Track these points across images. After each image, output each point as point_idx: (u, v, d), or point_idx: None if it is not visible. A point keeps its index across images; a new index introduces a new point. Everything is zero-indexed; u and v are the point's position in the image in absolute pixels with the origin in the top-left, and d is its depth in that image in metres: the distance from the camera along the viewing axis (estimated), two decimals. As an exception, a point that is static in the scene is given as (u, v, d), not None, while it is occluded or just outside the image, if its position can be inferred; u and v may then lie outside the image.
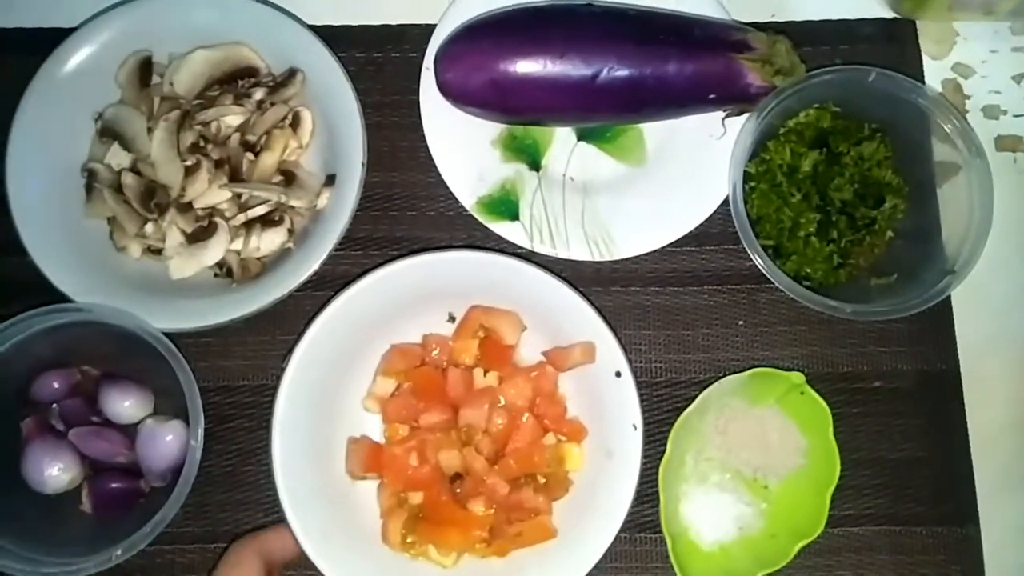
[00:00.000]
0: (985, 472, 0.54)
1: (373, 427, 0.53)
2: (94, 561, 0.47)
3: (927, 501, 0.54)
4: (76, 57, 0.53)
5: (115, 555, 0.47)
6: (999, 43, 0.61)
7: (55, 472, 0.50)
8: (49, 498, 0.50)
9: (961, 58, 0.61)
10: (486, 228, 0.55)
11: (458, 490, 0.50)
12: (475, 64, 0.51)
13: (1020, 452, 0.55)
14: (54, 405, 0.52)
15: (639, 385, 0.53)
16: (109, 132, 0.53)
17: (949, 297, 0.56)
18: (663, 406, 0.55)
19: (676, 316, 0.56)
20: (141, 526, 0.47)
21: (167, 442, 0.51)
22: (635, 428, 0.49)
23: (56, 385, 0.52)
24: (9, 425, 0.51)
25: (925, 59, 0.60)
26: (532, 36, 0.51)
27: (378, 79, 0.58)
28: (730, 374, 0.54)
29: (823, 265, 0.55)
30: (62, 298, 0.51)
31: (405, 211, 0.57)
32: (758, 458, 0.53)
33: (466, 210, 0.55)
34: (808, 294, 0.51)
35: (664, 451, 0.51)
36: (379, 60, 0.59)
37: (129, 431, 0.52)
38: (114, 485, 0.51)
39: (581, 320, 0.50)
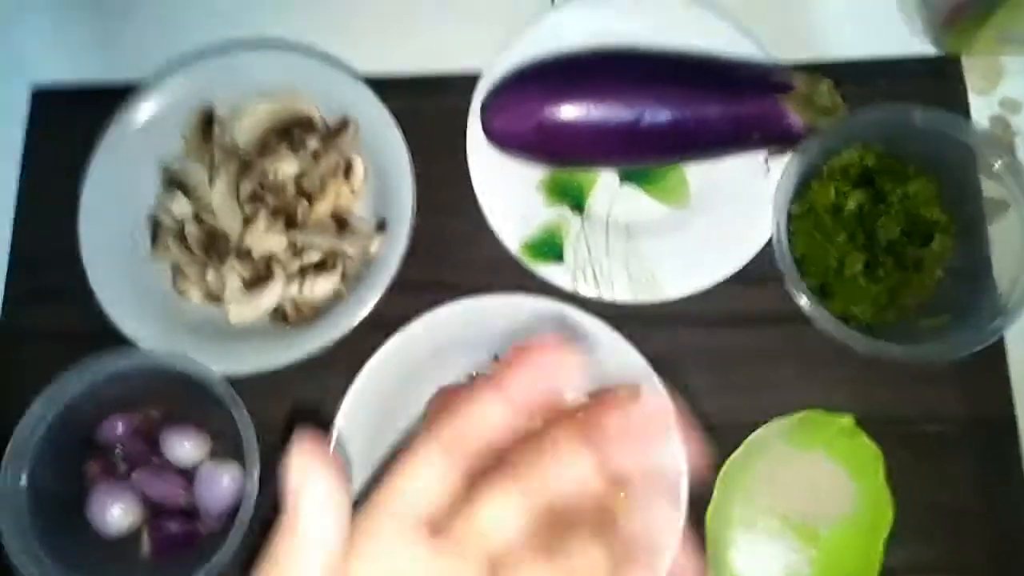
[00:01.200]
0: (1044, 520, 0.53)
1: (422, 470, 0.53)
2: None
3: (983, 551, 0.52)
4: (144, 112, 0.56)
5: (172, 597, 0.48)
6: (1048, 78, 0.60)
7: (117, 513, 0.52)
8: (111, 541, 0.52)
9: (1009, 93, 0.60)
10: (531, 271, 0.56)
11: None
12: (521, 112, 0.53)
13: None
14: (117, 448, 0.55)
15: (685, 427, 0.53)
16: (174, 182, 0.56)
17: (1003, 339, 0.55)
18: (712, 450, 0.55)
19: (723, 357, 0.56)
20: (196, 570, 0.48)
21: (224, 485, 0.52)
22: (681, 475, 0.49)
23: (120, 428, 0.54)
24: (75, 468, 0.53)
25: (971, 95, 0.60)
26: (576, 83, 0.53)
27: (424, 127, 0.60)
28: (778, 416, 0.53)
29: (871, 306, 0.54)
30: (126, 344, 0.53)
31: (452, 255, 0.59)
32: (807, 504, 0.53)
33: (511, 253, 0.57)
34: (855, 335, 0.51)
35: (711, 496, 0.51)
36: (425, 108, 0.61)
37: (188, 474, 0.54)
38: (173, 527, 0.53)
39: (626, 363, 0.50)
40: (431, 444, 0.25)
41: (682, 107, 0.52)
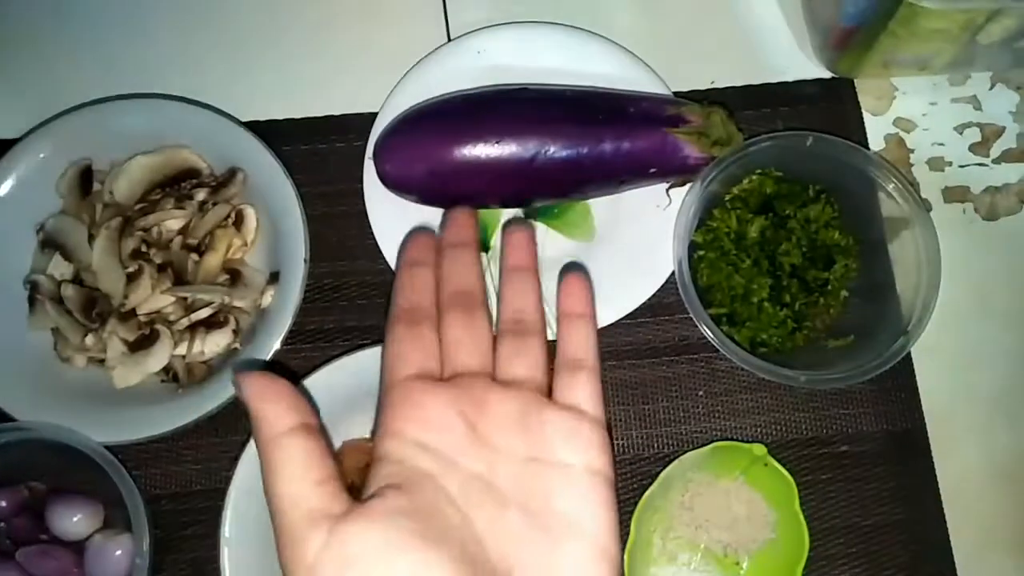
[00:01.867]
0: (961, 533, 0.53)
1: (328, 529, 0.51)
2: None
3: (905, 567, 0.52)
4: (16, 171, 0.53)
5: None
6: (938, 95, 0.61)
7: None
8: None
9: (902, 112, 0.61)
10: (438, 313, 0.55)
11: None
12: (412, 155, 0.52)
13: (995, 511, 0.54)
14: (1, 524, 0.51)
15: (600, 465, 0.52)
16: (51, 243, 0.53)
17: (909, 354, 0.56)
18: (627, 485, 0.54)
19: (635, 390, 0.56)
20: None
21: (116, 558, 0.49)
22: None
23: (3, 504, 0.51)
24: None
25: (867, 115, 0.61)
26: (467, 123, 0.52)
27: (323, 170, 0.59)
28: (693, 447, 0.53)
29: (779, 330, 0.54)
30: (3, 416, 0.50)
31: (355, 300, 0.57)
32: (727, 534, 0.52)
33: (416, 296, 0.55)
34: (760, 363, 0.50)
35: (628, 534, 0.49)
36: (323, 151, 0.59)
37: (79, 547, 0.51)
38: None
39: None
40: (396, 325, 0.35)
41: (576, 144, 0.51)
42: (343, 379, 0.50)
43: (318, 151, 0.59)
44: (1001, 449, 0.55)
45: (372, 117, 0.57)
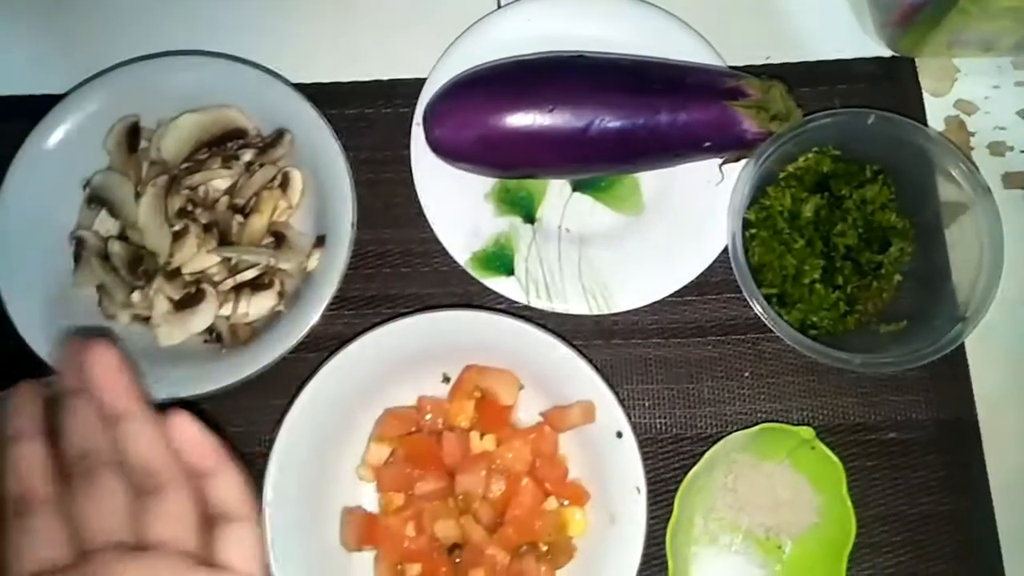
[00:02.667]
0: (1009, 525, 0.52)
1: (369, 496, 0.51)
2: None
3: (950, 558, 0.51)
4: (64, 125, 0.53)
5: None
6: (1002, 78, 0.59)
7: None
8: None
9: (963, 95, 0.59)
10: (482, 283, 0.54)
11: (457, 560, 0.48)
12: (464, 121, 0.51)
13: (1045, 505, 0.52)
14: None
15: (643, 443, 0.51)
16: (97, 199, 0.52)
17: (963, 343, 0.54)
18: (669, 464, 0.53)
19: (680, 369, 0.55)
20: None
21: None
22: (639, 491, 0.47)
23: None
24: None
25: (926, 96, 0.59)
26: (521, 90, 0.51)
27: (370, 135, 0.58)
28: (737, 428, 0.52)
29: (830, 313, 0.53)
30: (47, 372, 0.50)
31: (399, 268, 0.56)
32: (770, 517, 0.51)
33: (461, 266, 0.54)
34: (812, 344, 0.49)
35: (671, 512, 0.49)
36: (370, 116, 0.58)
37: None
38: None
39: (579, 379, 0.48)
40: (9, 518, 0.31)
41: (631, 114, 0.50)
42: (383, 348, 0.50)
43: (365, 116, 0.58)
44: (1053, 442, 0.53)
45: (420, 83, 0.56)
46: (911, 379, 0.54)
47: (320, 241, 0.52)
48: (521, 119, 0.50)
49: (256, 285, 0.51)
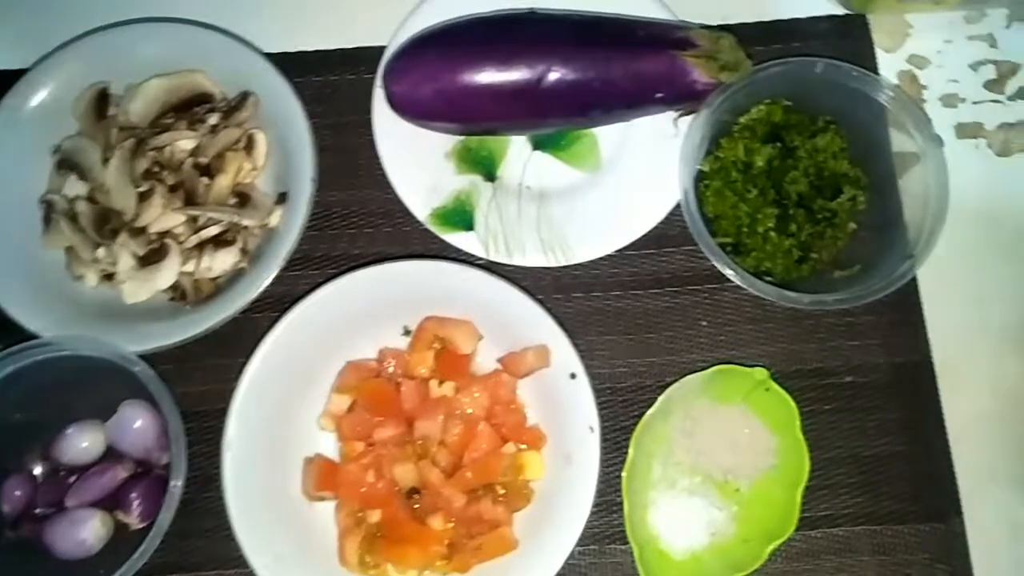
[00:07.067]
0: (966, 465, 0.52)
1: (329, 446, 0.52)
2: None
3: (907, 498, 0.52)
4: (34, 96, 0.54)
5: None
6: (954, 33, 0.61)
7: (91, 530, 0.50)
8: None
9: (916, 50, 0.60)
10: (444, 241, 0.55)
11: (416, 506, 0.49)
12: (421, 76, 0.52)
13: (1000, 443, 0.53)
14: (36, 510, 0.52)
15: (603, 391, 0.52)
16: (66, 164, 0.54)
17: (917, 287, 0.55)
18: (629, 411, 0.54)
19: (638, 320, 0.55)
20: (116, 568, 0.47)
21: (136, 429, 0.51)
22: (592, 430, 0.47)
23: (18, 493, 0.51)
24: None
25: (879, 52, 0.60)
26: (475, 45, 0.52)
27: (334, 101, 0.59)
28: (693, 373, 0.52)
29: (784, 260, 0.54)
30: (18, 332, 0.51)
31: (362, 228, 0.57)
32: (728, 459, 0.52)
33: (423, 225, 0.55)
34: (765, 286, 0.50)
35: (626, 457, 0.50)
36: (335, 83, 0.60)
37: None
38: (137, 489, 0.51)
39: (534, 323, 0.49)
40: None
41: (584, 66, 0.51)
42: (342, 299, 0.50)
43: (330, 83, 0.60)
44: (1009, 384, 0.54)
45: (382, 51, 0.57)
46: (867, 324, 0.55)
47: (282, 198, 0.54)
48: (476, 73, 0.51)
49: (219, 242, 0.52)
